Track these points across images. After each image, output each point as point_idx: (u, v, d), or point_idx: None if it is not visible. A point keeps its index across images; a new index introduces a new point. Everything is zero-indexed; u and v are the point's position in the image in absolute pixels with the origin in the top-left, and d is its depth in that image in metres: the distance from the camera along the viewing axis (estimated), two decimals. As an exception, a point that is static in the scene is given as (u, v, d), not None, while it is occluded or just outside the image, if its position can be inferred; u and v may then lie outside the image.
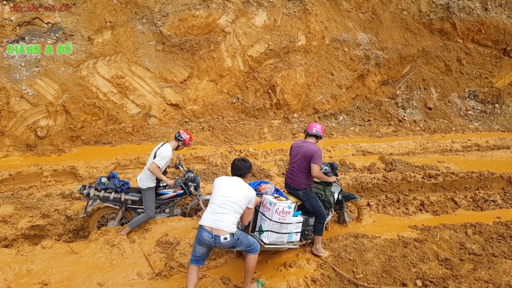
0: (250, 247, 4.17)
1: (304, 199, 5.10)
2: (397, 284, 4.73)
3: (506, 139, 10.50)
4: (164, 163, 5.44)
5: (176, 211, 6.08)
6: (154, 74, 9.55)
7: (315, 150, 4.91)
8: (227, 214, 3.97)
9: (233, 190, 4.09)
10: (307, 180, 5.06)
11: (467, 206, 6.97)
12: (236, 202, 4.02)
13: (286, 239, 4.62)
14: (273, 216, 4.43)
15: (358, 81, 11.65)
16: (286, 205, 4.48)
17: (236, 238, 4.00)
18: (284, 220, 4.49)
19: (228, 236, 3.93)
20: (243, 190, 4.12)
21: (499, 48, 12.75)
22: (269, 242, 4.51)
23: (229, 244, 3.99)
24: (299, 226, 4.71)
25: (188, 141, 5.70)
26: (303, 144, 5.12)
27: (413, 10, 12.43)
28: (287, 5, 11.10)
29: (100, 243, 5.11)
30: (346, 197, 5.76)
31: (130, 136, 9.07)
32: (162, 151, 5.42)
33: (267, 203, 4.54)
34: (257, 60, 10.55)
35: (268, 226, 4.49)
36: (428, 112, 11.71)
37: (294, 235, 4.68)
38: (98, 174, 7.35)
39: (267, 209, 4.52)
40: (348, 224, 6.06)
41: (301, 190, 5.08)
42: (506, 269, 5.04)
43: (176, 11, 9.93)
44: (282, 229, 4.52)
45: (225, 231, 3.92)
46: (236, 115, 10.33)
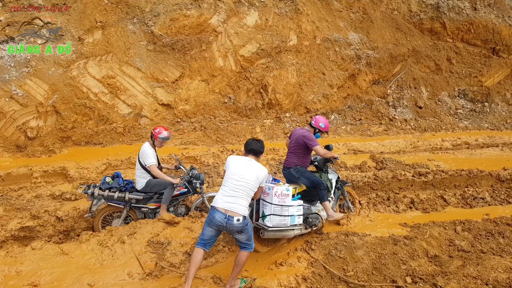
0: (249, 241, 4.24)
1: (297, 175, 5.35)
2: (387, 281, 4.76)
3: (495, 137, 10.64)
4: (153, 159, 5.57)
5: (180, 210, 6.10)
6: (146, 74, 9.52)
7: (305, 133, 5.33)
8: (240, 198, 4.07)
9: (246, 173, 4.14)
10: (298, 160, 5.44)
11: (457, 204, 7.05)
12: (249, 186, 4.11)
13: (289, 222, 4.74)
14: (273, 200, 4.63)
15: (350, 81, 11.73)
16: (284, 188, 4.68)
17: (246, 222, 4.11)
18: (284, 202, 4.66)
19: (241, 218, 4.02)
20: (255, 172, 4.17)
21: (488, 47, 12.91)
22: (272, 225, 4.65)
23: (239, 227, 4.04)
24: (300, 208, 4.86)
25: (157, 135, 5.64)
26: (297, 130, 5.56)
27: (404, 10, 12.54)
28: (279, 5, 11.13)
29: (91, 244, 5.08)
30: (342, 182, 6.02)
31: (121, 136, 9.03)
32: (142, 153, 5.60)
33: (266, 188, 4.73)
34: (249, 60, 10.57)
35: (270, 210, 4.67)
36: (419, 111, 11.82)
37: (296, 217, 4.80)
38: (89, 175, 7.32)
39: (267, 195, 4.72)
40: (353, 210, 6.26)
41: (292, 168, 5.42)
42: (494, 265, 5.10)
43: (167, 11, 9.91)
44: (283, 212, 4.68)
45: (239, 213, 4.02)
46: (228, 115, 10.34)
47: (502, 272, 4.89)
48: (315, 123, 5.51)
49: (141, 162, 5.58)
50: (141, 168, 5.61)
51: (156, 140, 5.69)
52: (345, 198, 6.15)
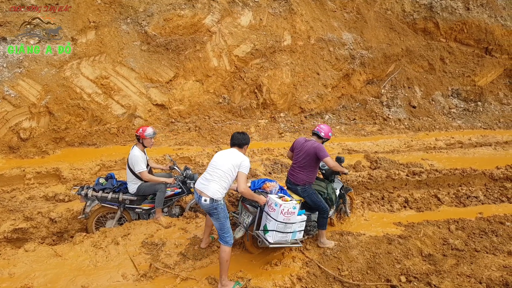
0: (221, 231, 4.35)
1: (303, 195, 5.17)
2: (382, 281, 4.79)
3: (488, 137, 10.72)
4: (143, 164, 5.47)
5: (174, 210, 6.07)
6: (139, 74, 9.47)
7: (316, 145, 5.03)
8: (213, 182, 4.34)
9: (222, 160, 4.43)
10: (306, 176, 5.14)
11: (450, 203, 7.10)
12: (223, 170, 4.35)
13: (290, 238, 4.69)
14: (278, 217, 4.49)
15: (344, 81, 11.76)
16: (291, 206, 4.54)
17: (215, 206, 4.30)
18: (289, 220, 4.55)
19: (208, 199, 4.28)
20: (232, 159, 4.40)
21: (481, 47, 13.01)
22: (274, 242, 4.59)
23: (206, 207, 4.32)
24: (302, 224, 4.78)
25: (143, 134, 5.51)
26: (305, 142, 5.21)
27: (397, 10, 12.60)
28: (273, 5, 11.14)
29: (85, 245, 5.06)
30: (345, 190, 5.97)
31: (115, 137, 8.98)
32: (132, 158, 5.47)
33: (272, 203, 4.58)
34: (243, 60, 10.56)
35: (273, 226, 4.55)
36: (412, 110, 11.89)
37: (297, 233, 4.75)
38: (82, 176, 7.27)
39: (272, 210, 4.56)
40: (350, 215, 6.25)
41: (300, 186, 5.17)
42: (488, 263, 5.15)
43: (161, 11, 9.87)
44: (286, 229, 4.59)
45: (207, 194, 4.28)
46: (223, 115, 10.33)
47: (495, 271, 4.94)
48: (325, 135, 5.22)
49: (131, 168, 5.52)
50: (131, 174, 5.54)
51: (144, 140, 5.55)
52: (344, 204, 6.08)
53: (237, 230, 4.89)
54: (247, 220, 4.85)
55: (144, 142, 5.59)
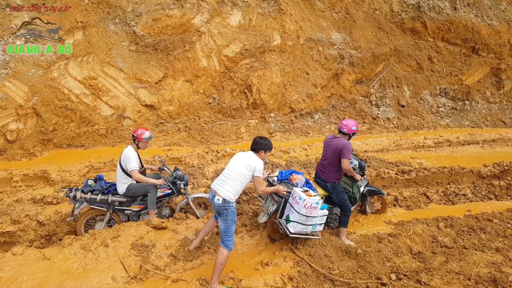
0: (225, 234, 4.45)
1: (332, 192, 5.41)
2: (372, 279, 4.82)
3: (476, 135, 10.87)
4: (136, 164, 5.44)
5: (164, 212, 6.03)
6: (128, 75, 9.38)
7: (344, 144, 5.18)
8: (227, 184, 4.50)
9: (237, 163, 4.60)
10: (336, 174, 5.37)
11: (439, 201, 7.18)
12: (238, 173, 4.51)
13: (310, 230, 4.96)
14: (301, 210, 4.75)
15: (333, 80, 11.81)
16: (315, 201, 4.78)
17: (227, 206, 4.44)
18: (311, 214, 4.79)
19: (221, 199, 4.43)
20: (246, 162, 4.55)
21: (468, 46, 13.18)
22: (294, 232, 4.88)
23: (218, 206, 4.46)
24: (323, 218, 5.01)
25: (140, 136, 5.52)
26: (333, 139, 5.39)
27: (385, 10, 12.69)
28: (262, 5, 11.13)
29: (74, 248, 5.00)
30: (372, 191, 6.08)
31: (104, 138, 8.88)
32: (125, 155, 5.43)
33: (297, 196, 4.83)
34: (233, 60, 10.54)
35: (296, 217, 4.82)
36: (401, 109, 11.99)
37: (318, 226, 5.01)
38: (70, 178, 7.18)
39: (296, 203, 4.81)
40: (369, 214, 6.41)
41: (330, 183, 5.40)
42: (476, 260, 5.22)
43: (149, 11, 9.80)
44: (307, 221, 4.85)
45: (221, 195, 4.44)
46: (213, 115, 10.29)
47: (484, 267, 5.01)
48: (348, 130, 5.30)
49: (122, 167, 5.48)
50: (122, 173, 5.50)
51: (140, 142, 5.57)
52: (364, 203, 6.26)
53: (261, 216, 5.32)
54: (271, 208, 5.18)
55: (140, 144, 5.59)
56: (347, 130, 5.31)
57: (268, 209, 5.23)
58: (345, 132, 5.32)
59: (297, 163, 8.27)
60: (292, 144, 9.59)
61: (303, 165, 8.23)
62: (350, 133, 5.33)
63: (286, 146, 9.42)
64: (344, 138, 5.32)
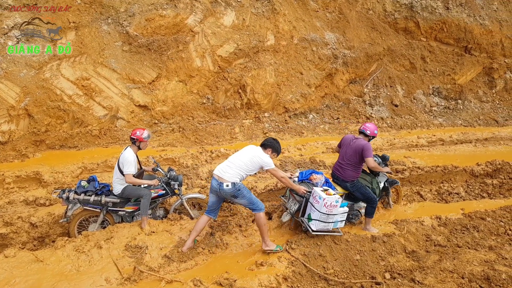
0: (252, 204, 4.88)
1: (353, 190, 5.60)
2: (367, 278, 4.83)
3: (469, 134, 10.95)
4: (133, 168, 5.39)
5: (158, 212, 5.99)
6: (121, 75, 9.33)
7: (364, 144, 5.42)
8: (231, 169, 4.78)
9: (243, 153, 4.93)
10: (354, 172, 5.56)
11: (433, 199, 7.21)
12: (242, 161, 4.80)
13: (331, 227, 5.20)
14: (322, 209, 4.99)
15: (327, 80, 11.84)
16: (334, 200, 5.00)
17: (237, 188, 4.75)
18: (331, 212, 5.03)
19: (230, 184, 4.71)
20: (251, 154, 4.86)
21: (461, 46, 13.28)
22: (316, 229, 5.15)
23: (230, 192, 4.75)
24: (344, 215, 5.24)
25: (141, 137, 5.48)
26: (353, 139, 5.61)
27: (379, 10, 12.75)
28: (255, 5, 11.13)
29: (67, 250, 4.96)
30: (390, 182, 6.33)
31: (97, 139, 8.82)
32: (124, 158, 5.36)
33: (317, 196, 5.07)
34: (227, 60, 10.52)
35: (317, 216, 5.07)
36: (395, 109, 12.05)
37: (339, 223, 5.24)
38: (63, 179, 7.12)
39: (316, 202, 5.06)
40: (392, 207, 6.65)
41: (349, 182, 5.59)
42: (470, 258, 5.24)
43: (142, 11, 9.75)
44: (328, 219, 5.09)
45: (227, 180, 4.71)
46: (207, 116, 10.27)
47: (477, 265, 5.03)
48: (370, 133, 5.61)
49: (120, 168, 5.44)
50: (119, 174, 5.45)
51: (142, 143, 5.53)
52: (387, 196, 6.48)
53: (284, 215, 5.62)
54: (293, 207, 5.45)
55: (141, 145, 5.56)
56: (370, 132, 5.62)
57: (291, 208, 5.51)
58: (366, 134, 5.62)
59: (291, 163, 8.27)
60: (287, 144, 9.59)
61: (297, 165, 8.24)
62: (371, 135, 5.64)
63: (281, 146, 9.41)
64: (365, 139, 5.59)
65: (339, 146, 5.89)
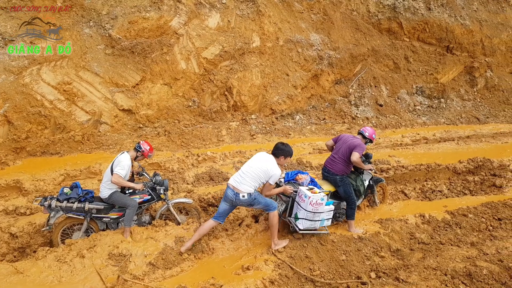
0: (267, 207, 5.06)
1: (340, 184, 5.73)
2: (353, 278, 4.84)
3: (451, 132, 11.12)
4: (125, 172, 5.30)
5: (144, 218, 5.90)
6: (104, 79, 9.19)
7: (359, 143, 5.64)
8: (246, 180, 4.90)
9: (257, 163, 5.01)
10: (345, 168, 5.73)
11: (416, 197, 7.29)
12: (256, 172, 4.91)
13: (318, 225, 5.28)
14: (307, 207, 5.08)
15: (313, 81, 11.89)
16: (319, 197, 5.09)
17: (253, 197, 4.92)
18: (317, 210, 5.11)
19: (246, 195, 4.87)
20: (265, 165, 4.94)
21: (443, 45, 13.50)
22: (303, 228, 5.24)
23: (247, 202, 4.93)
24: (330, 213, 5.33)
25: (147, 152, 5.62)
26: (351, 138, 5.80)
27: (362, 11, 12.86)
28: (240, 7, 11.11)
29: (48, 260, 4.84)
30: (375, 181, 6.43)
31: (80, 145, 8.68)
32: (120, 160, 5.32)
33: (303, 195, 5.16)
34: (212, 62, 10.47)
35: (303, 214, 5.16)
36: (379, 108, 12.17)
37: (325, 221, 5.33)
38: (45, 187, 6.97)
39: (302, 200, 5.16)
40: (378, 205, 6.76)
41: (339, 176, 5.73)
42: (452, 255, 5.31)
43: (125, 13, 9.63)
44: (315, 217, 5.17)
45: (243, 191, 4.86)
46: (193, 119, 10.20)
47: (459, 262, 5.10)
48: (369, 135, 5.83)
49: (112, 170, 5.35)
50: (110, 177, 5.36)
51: (142, 157, 5.64)
52: (373, 194, 6.60)
53: None
54: (280, 208, 5.53)
55: (140, 157, 5.66)
56: (368, 134, 5.83)
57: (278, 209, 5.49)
58: (365, 136, 5.83)
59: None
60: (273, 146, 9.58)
61: (283, 166, 8.23)
62: (369, 138, 5.84)
63: (268, 147, 9.40)
64: (362, 141, 5.78)
65: (334, 141, 6.03)
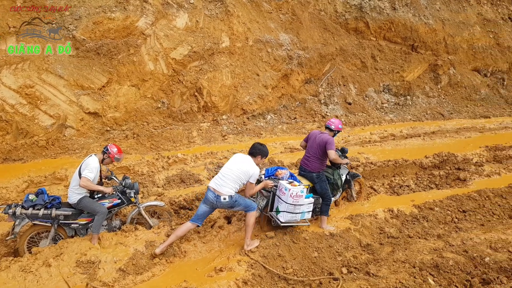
0: (248, 207, 5.13)
1: (317, 181, 5.87)
2: (325, 274, 4.91)
3: (417, 128, 11.49)
4: (93, 175, 5.15)
5: (114, 223, 5.73)
6: (68, 81, 8.90)
7: (327, 138, 5.73)
8: (226, 182, 4.94)
9: (236, 164, 5.05)
10: (320, 165, 5.88)
11: (385, 193, 7.49)
12: (236, 174, 4.96)
13: (299, 218, 5.40)
14: (288, 199, 5.20)
15: (283, 81, 11.98)
16: (299, 190, 5.23)
17: (234, 200, 4.98)
18: (297, 202, 5.24)
19: (227, 197, 4.92)
20: (245, 166, 5.01)
21: (408, 44, 13.93)
22: (285, 221, 5.34)
23: (227, 204, 4.99)
24: (310, 206, 5.47)
25: (114, 155, 5.43)
26: (318, 134, 5.92)
27: (330, 11, 13.08)
28: (209, 7, 11.05)
29: (12, 271, 4.64)
30: (352, 175, 6.64)
31: (44, 150, 8.36)
32: (88, 163, 5.18)
33: (283, 188, 5.30)
34: (181, 62, 10.35)
35: (284, 207, 5.28)
36: (348, 107, 12.42)
37: (306, 213, 5.46)
38: (8, 195, 6.67)
39: (283, 193, 5.29)
40: (356, 199, 6.91)
41: (315, 173, 5.88)
42: (420, 248, 5.48)
43: (89, 14, 9.36)
44: (295, 210, 5.29)
45: (224, 193, 4.91)
46: (163, 120, 10.05)
47: (427, 254, 5.26)
48: (335, 127, 5.91)
49: (80, 173, 5.18)
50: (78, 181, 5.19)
51: (109, 159, 5.47)
52: (350, 189, 6.78)
53: None
54: (261, 203, 5.64)
55: (107, 159, 5.48)
56: (334, 127, 5.91)
57: (259, 204, 5.66)
58: (331, 129, 5.92)
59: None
60: (246, 146, 9.58)
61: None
62: (336, 130, 5.94)
63: (240, 148, 9.39)
64: (330, 134, 5.89)
65: (305, 141, 6.14)
